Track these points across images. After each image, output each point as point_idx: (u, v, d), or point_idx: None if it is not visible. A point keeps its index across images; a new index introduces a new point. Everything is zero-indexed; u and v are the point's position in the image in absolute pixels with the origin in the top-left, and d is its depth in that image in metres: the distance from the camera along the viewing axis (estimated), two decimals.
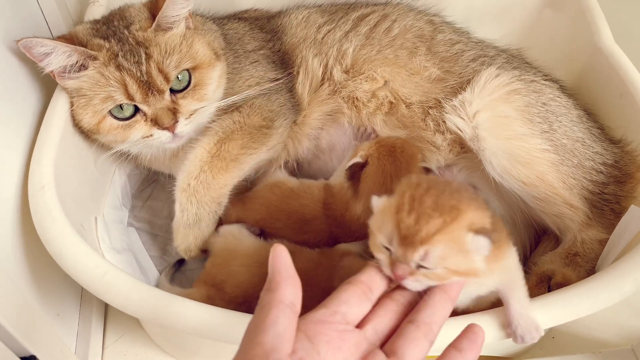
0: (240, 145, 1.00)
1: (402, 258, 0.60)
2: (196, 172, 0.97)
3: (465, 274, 0.62)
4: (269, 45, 1.14)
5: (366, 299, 0.61)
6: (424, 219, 0.59)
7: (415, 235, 0.59)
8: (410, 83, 1.10)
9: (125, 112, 0.94)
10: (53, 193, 0.86)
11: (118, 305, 0.78)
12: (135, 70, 0.91)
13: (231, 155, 0.99)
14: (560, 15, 1.32)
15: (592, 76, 1.19)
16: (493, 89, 1.02)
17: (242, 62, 1.09)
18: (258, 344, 0.51)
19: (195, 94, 0.97)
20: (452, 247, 0.60)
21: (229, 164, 0.98)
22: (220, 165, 0.98)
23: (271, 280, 0.56)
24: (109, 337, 1.14)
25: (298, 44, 1.15)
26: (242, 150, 1.00)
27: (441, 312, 0.62)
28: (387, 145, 1.01)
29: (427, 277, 0.61)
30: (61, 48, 0.89)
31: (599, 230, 0.97)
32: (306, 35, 1.15)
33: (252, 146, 1.01)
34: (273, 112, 1.05)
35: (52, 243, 0.81)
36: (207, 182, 0.97)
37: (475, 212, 0.62)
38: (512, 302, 0.72)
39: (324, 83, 1.12)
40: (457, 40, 1.14)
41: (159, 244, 1.19)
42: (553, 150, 0.98)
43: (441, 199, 0.61)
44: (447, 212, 0.60)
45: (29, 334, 0.79)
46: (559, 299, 0.79)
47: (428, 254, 0.59)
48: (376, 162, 0.99)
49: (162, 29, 0.94)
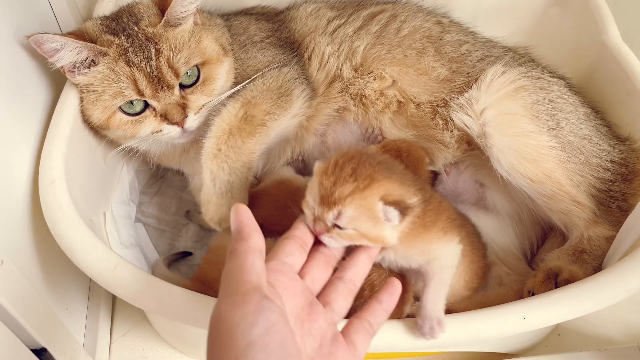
0: (265, 111, 0.98)
1: (320, 216, 0.67)
2: (225, 136, 0.94)
3: (374, 240, 0.69)
4: (276, 35, 1.14)
5: (303, 251, 0.70)
6: (340, 183, 0.67)
7: (331, 196, 0.67)
8: (419, 83, 1.10)
9: (136, 108, 0.95)
10: (63, 187, 0.86)
11: (128, 298, 0.79)
12: (145, 66, 0.91)
13: (257, 120, 0.97)
14: (567, 13, 1.31)
15: (599, 74, 1.19)
16: (499, 86, 1.02)
17: (250, 50, 1.09)
18: (246, 282, 0.56)
19: (204, 89, 0.98)
20: (363, 211, 0.66)
21: (256, 128, 0.96)
22: (249, 129, 0.96)
23: (241, 231, 0.61)
24: (117, 332, 1.14)
25: (309, 32, 1.15)
26: (267, 116, 0.98)
27: (363, 271, 0.72)
28: (392, 150, 1.01)
29: (341, 237, 0.68)
30: (71, 44, 0.89)
31: (605, 227, 0.97)
32: (317, 25, 1.15)
33: (276, 112, 0.99)
34: (290, 82, 1.04)
35: (63, 237, 0.82)
36: (237, 147, 0.94)
37: (393, 185, 0.69)
38: (428, 290, 0.77)
39: (335, 79, 1.12)
40: (465, 41, 1.14)
41: (166, 240, 1.19)
42: (560, 147, 0.98)
43: (360, 167, 0.68)
44: (362, 179, 0.67)
45: (40, 327, 0.80)
46: (566, 296, 0.79)
47: (341, 214, 0.66)
48: None
49: (171, 25, 0.95)
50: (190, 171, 1.22)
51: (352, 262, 0.72)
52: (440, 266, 0.78)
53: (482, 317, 0.78)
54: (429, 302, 0.76)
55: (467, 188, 1.09)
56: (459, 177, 1.10)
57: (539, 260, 1.00)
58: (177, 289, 0.79)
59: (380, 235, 0.69)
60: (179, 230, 1.21)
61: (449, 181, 1.09)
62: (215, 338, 0.53)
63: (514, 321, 0.78)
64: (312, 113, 1.10)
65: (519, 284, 0.97)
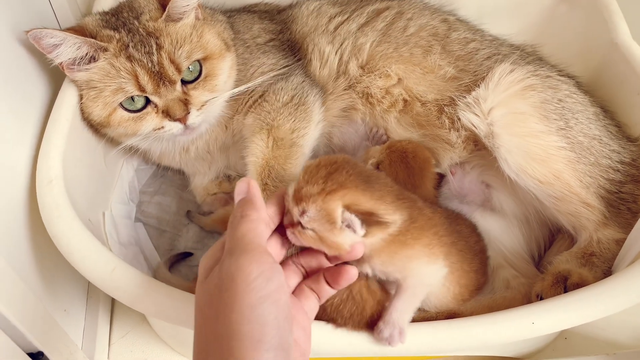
0: (290, 129, 0.98)
1: (290, 209, 0.69)
2: (267, 171, 0.95)
3: (330, 245, 0.68)
4: (279, 37, 1.13)
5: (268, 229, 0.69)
6: (312, 182, 0.68)
7: (299, 192, 0.68)
8: (425, 81, 1.08)
9: (137, 104, 0.93)
10: (61, 187, 0.85)
11: (127, 301, 0.77)
12: (146, 61, 0.89)
13: (288, 142, 0.97)
14: (576, 10, 1.29)
15: (609, 73, 1.17)
16: (508, 85, 1.00)
17: (253, 52, 1.08)
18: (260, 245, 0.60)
19: (207, 84, 0.96)
20: (323, 214, 0.67)
21: (289, 150, 0.97)
22: (284, 154, 0.96)
23: (254, 201, 0.64)
24: (116, 333, 1.13)
25: (309, 32, 1.13)
26: (294, 134, 0.98)
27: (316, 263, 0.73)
28: (398, 151, 0.99)
29: (301, 235, 0.68)
30: (71, 39, 0.88)
31: (615, 229, 0.95)
32: (317, 24, 1.14)
33: (300, 126, 1.00)
34: (298, 89, 1.04)
35: (60, 238, 0.80)
36: (280, 177, 0.95)
37: (364, 197, 0.69)
38: (398, 299, 0.76)
39: (339, 76, 1.11)
40: (472, 39, 1.12)
41: (166, 240, 1.18)
42: (569, 147, 0.96)
43: (335, 173, 0.69)
44: (331, 183, 0.68)
45: (37, 331, 0.79)
46: (576, 301, 0.78)
47: (304, 212, 0.67)
48: (388, 170, 0.97)
49: (173, 19, 0.93)
50: (190, 171, 1.21)
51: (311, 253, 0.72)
52: (415, 283, 0.77)
53: (491, 322, 0.77)
54: (396, 310, 0.75)
55: (473, 189, 1.07)
56: (465, 177, 1.08)
57: (547, 263, 0.98)
58: (176, 292, 0.77)
59: (337, 242, 0.68)
60: (179, 230, 1.19)
61: (455, 182, 1.07)
62: (228, 288, 0.55)
63: (523, 326, 0.76)
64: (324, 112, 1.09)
65: (527, 287, 0.95)
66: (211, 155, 1.14)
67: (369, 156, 1.01)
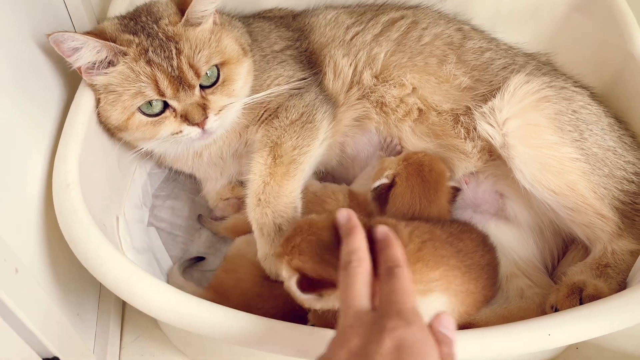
0: (292, 147, 0.98)
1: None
2: (261, 188, 0.96)
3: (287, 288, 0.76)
4: (295, 45, 1.13)
5: None
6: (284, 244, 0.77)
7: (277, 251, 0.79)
8: (440, 90, 1.08)
9: (154, 109, 0.93)
10: (78, 192, 0.85)
11: (143, 308, 0.77)
12: (166, 65, 0.89)
13: (287, 159, 0.97)
14: (590, 19, 1.28)
15: (623, 82, 1.16)
16: (523, 96, 1.00)
17: (270, 61, 1.08)
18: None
19: (224, 89, 0.96)
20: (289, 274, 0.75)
21: (288, 167, 0.97)
22: (282, 171, 0.97)
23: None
24: (127, 338, 1.13)
25: (326, 43, 1.13)
26: (295, 151, 0.98)
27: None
28: (415, 164, 0.99)
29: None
30: (92, 43, 0.88)
31: (630, 240, 0.95)
32: (334, 35, 1.14)
33: (303, 144, 1.00)
34: (309, 106, 1.04)
35: (77, 244, 0.80)
36: (275, 192, 0.95)
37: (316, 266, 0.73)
38: None
39: (352, 86, 1.11)
40: (487, 48, 1.12)
41: (179, 244, 1.18)
42: (584, 159, 0.97)
43: (304, 241, 0.75)
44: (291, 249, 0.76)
45: (52, 336, 0.79)
46: (593, 313, 0.78)
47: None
48: (404, 183, 0.97)
49: (191, 24, 0.93)
50: (202, 176, 1.21)
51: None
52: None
53: (506, 333, 0.77)
54: None
55: (487, 198, 1.07)
56: (479, 187, 1.08)
57: (561, 274, 0.98)
58: (192, 299, 0.77)
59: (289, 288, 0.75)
60: (191, 235, 1.19)
61: (469, 191, 1.07)
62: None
63: (539, 338, 0.76)
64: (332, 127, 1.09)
65: (541, 297, 0.96)
66: (223, 162, 1.14)
67: (384, 167, 1.01)
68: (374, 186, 0.99)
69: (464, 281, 0.85)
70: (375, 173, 1.03)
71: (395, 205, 0.97)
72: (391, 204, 0.98)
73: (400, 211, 0.97)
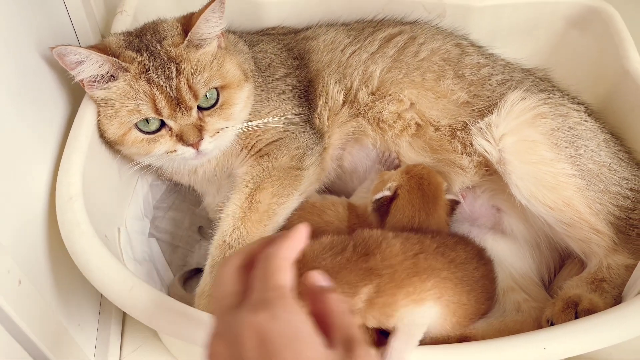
0: (272, 194, 0.99)
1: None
2: (230, 230, 0.96)
3: None
4: (295, 73, 1.14)
5: None
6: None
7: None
8: (438, 106, 1.10)
9: (151, 126, 0.94)
10: (81, 204, 0.86)
11: (144, 320, 0.78)
12: (165, 85, 0.91)
13: (263, 206, 0.98)
14: (586, 36, 1.31)
15: (619, 99, 1.18)
16: (519, 113, 1.02)
17: (270, 91, 1.09)
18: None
19: (222, 112, 0.97)
20: None
21: (262, 215, 0.97)
22: (254, 217, 0.97)
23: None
24: (127, 348, 1.13)
25: (322, 69, 1.15)
26: (273, 199, 0.99)
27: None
28: (416, 177, 1.01)
29: None
30: (94, 57, 0.89)
31: (625, 255, 0.96)
32: (331, 59, 1.15)
33: (283, 193, 1.00)
34: (300, 149, 1.05)
35: (80, 256, 0.81)
36: (241, 237, 0.95)
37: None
38: (396, 339, 0.79)
39: (343, 106, 1.12)
40: (485, 64, 1.14)
41: (179, 256, 1.19)
42: (579, 175, 0.98)
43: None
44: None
45: (54, 347, 0.80)
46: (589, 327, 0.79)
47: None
48: (407, 196, 0.99)
49: (194, 46, 0.94)
50: (201, 190, 1.22)
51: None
52: (409, 324, 0.80)
53: (502, 346, 0.78)
54: (395, 350, 0.77)
55: (483, 212, 1.09)
56: (476, 201, 1.09)
57: (557, 288, 0.99)
58: (193, 312, 0.78)
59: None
60: (192, 246, 1.20)
61: (466, 205, 1.08)
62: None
63: (534, 351, 0.77)
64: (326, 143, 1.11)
65: (538, 311, 0.97)
66: (218, 180, 1.15)
67: (384, 180, 1.02)
68: (376, 198, 1.00)
69: (457, 293, 0.86)
70: (376, 186, 1.05)
71: (396, 217, 0.99)
72: (392, 216, 0.99)
73: (400, 223, 0.98)
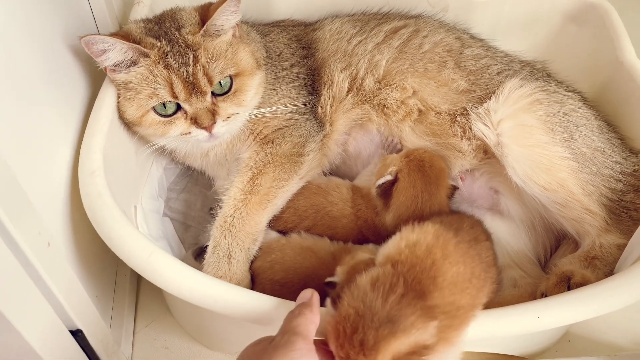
0: (272, 178, 1.04)
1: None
2: (231, 211, 1.01)
3: None
4: (303, 62, 1.20)
5: None
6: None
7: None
8: (439, 93, 1.15)
9: (168, 110, 0.99)
10: (102, 178, 0.91)
11: (162, 285, 0.83)
12: (182, 71, 0.95)
13: (264, 189, 1.03)
14: (584, 30, 1.36)
15: (614, 89, 1.23)
16: (517, 99, 1.07)
17: (280, 80, 1.14)
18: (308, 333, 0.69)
19: (235, 98, 1.02)
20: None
21: (262, 197, 1.03)
22: (254, 200, 1.02)
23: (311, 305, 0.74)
24: (140, 322, 1.18)
25: (328, 57, 1.20)
26: (273, 183, 1.04)
27: None
28: (416, 160, 1.05)
29: None
30: (119, 45, 0.94)
31: (617, 235, 1.00)
32: (337, 48, 1.21)
33: (284, 177, 1.05)
34: (303, 137, 1.10)
35: (102, 225, 0.86)
36: (241, 218, 1.01)
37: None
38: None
39: (348, 94, 1.17)
40: (484, 55, 1.19)
41: (192, 234, 1.24)
42: (573, 158, 1.03)
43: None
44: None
45: (78, 310, 0.84)
46: (579, 297, 0.83)
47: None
48: (407, 178, 1.03)
49: (210, 35, 0.99)
50: (212, 173, 1.26)
51: None
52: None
53: (498, 315, 0.82)
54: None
55: (481, 194, 1.13)
56: (474, 183, 1.14)
57: (552, 265, 1.04)
58: (209, 278, 0.83)
59: None
60: (203, 226, 1.25)
61: (464, 187, 1.13)
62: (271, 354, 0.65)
63: (529, 320, 0.81)
64: (330, 129, 1.16)
65: (533, 286, 1.01)
66: (228, 163, 1.19)
67: (387, 164, 1.07)
68: (379, 183, 1.04)
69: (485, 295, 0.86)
70: (378, 170, 1.09)
71: (399, 199, 1.03)
72: (395, 199, 1.04)
73: (403, 205, 1.03)
